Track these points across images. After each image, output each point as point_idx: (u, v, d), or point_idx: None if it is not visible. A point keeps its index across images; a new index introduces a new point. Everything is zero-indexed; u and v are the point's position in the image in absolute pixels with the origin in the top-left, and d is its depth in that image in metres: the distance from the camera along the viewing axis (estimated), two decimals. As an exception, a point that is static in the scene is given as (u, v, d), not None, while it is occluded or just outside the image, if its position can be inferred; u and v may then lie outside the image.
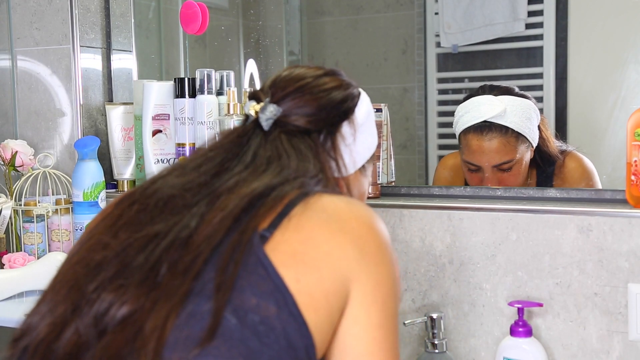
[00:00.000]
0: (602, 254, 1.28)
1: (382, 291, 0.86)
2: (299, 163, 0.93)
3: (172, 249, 0.82)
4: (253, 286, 0.79)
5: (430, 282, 1.41)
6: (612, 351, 1.28)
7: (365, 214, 0.89)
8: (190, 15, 1.71)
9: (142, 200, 0.89)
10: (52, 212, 1.71)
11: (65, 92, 1.82)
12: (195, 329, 0.76)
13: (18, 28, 1.87)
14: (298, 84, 1.01)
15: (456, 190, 1.51)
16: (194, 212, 0.85)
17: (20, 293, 1.53)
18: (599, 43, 2.27)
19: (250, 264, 0.80)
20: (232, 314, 0.77)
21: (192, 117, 1.65)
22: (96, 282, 0.81)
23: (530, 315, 1.33)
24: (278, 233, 0.83)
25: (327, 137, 1.00)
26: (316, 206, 0.87)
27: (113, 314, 0.78)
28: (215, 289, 0.78)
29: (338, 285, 0.82)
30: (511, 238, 1.34)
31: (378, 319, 0.85)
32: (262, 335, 0.77)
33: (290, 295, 0.79)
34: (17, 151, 1.74)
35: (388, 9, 2.61)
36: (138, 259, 0.81)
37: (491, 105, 1.72)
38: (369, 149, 1.08)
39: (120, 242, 0.84)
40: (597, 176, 1.74)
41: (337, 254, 0.84)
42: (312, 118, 0.98)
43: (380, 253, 0.87)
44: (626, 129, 1.27)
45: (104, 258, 0.83)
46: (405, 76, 2.59)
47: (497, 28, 2.42)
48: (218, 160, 0.93)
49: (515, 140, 1.70)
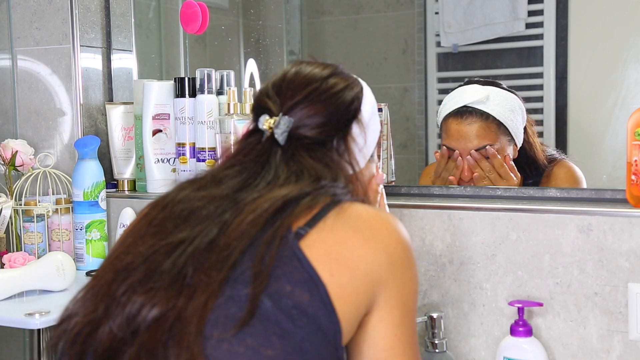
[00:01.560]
0: (602, 253, 1.28)
1: (405, 292, 0.94)
2: (323, 173, 0.98)
3: (196, 253, 0.87)
4: (288, 275, 0.86)
5: (430, 281, 1.41)
6: (612, 351, 1.28)
7: (392, 223, 0.96)
8: (190, 14, 1.71)
9: (169, 208, 0.95)
10: (52, 211, 1.71)
11: (66, 92, 1.83)
12: (234, 311, 0.83)
13: (18, 27, 1.87)
14: (306, 90, 1.02)
15: (456, 189, 1.51)
16: (217, 221, 0.90)
17: (20, 293, 1.53)
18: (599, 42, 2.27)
19: (285, 257, 0.87)
20: (268, 298, 0.84)
21: (192, 116, 1.65)
22: (125, 285, 0.87)
23: (531, 315, 1.33)
24: (314, 232, 0.90)
25: (340, 142, 1.03)
26: (349, 213, 0.93)
27: (144, 315, 0.84)
28: (253, 277, 0.85)
29: (368, 286, 0.90)
30: (511, 237, 1.34)
31: (399, 317, 0.93)
32: (295, 318, 0.84)
33: (323, 285, 0.86)
34: (17, 151, 1.74)
35: (388, 8, 2.61)
36: (165, 264, 0.87)
37: (474, 92, 1.69)
38: (375, 138, 1.11)
39: (147, 247, 0.90)
40: (585, 184, 1.70)
41: (370, 259, 0.91)
42: (324, 128, 1.01)
43: (406, 259, 0.95)
44: (626, 128, 1.27)
45: (131, 263, 0.89)
46: (406, 76, 2.59)
47: (497, 27, 2.42)
48: (240, 178, 0.97)
49: (497, 128, 1.66)
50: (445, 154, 1.69)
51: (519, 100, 1.72)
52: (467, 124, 1.67)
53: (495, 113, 1.66)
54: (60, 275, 1.52)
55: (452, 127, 1.69)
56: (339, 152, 1.03)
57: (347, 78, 1.07)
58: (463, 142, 1.66)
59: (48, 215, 1.71)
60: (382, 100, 1.54)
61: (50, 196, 1.74)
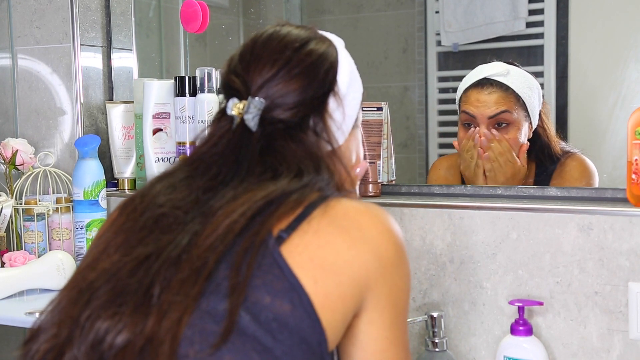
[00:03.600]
0: (603, 252, 1.28)
1: (396, 293, 0.89)
2: (304, 166, 0.90)
3: (162, 270, 0.81)
4: (268, 285, 0.80)
5: (430, 280, 1.41)
6: (612, 350, 1.28)
7: (382, 220, 0.90)
8: (190, 13, 1.71)
9: (135, 215, 0.88)
10: (52, 210, 1.71)
11: (66, 91, 1.82)
12: (210, 326, 0.78)
13: (18, 27, 1.87)
14: (278, 64, 0.92)
15: (456, 189, 1.51)
16: (187, 230, 0.84)
17: (20, 292, 1.53)
18: (599, 41, 2.27)
19: (265, 264, 0.81)
20: (245, 312, 0.78)
21: (193, 115, 1.65)
22: (89, 309, 0.81)
23: (531, 314, 1.33)
24: (296, 235, 0.84)
25: (317, 120, 0.95)
26: (336, 212, 0.87)
27: (110, 342, 0.78)
28: (231, 289, 0.79)
29: (356, 291, 0.84)
30: (512, 237, 1.34)
31: (390, 319, 0.88)
32: (275, 331, 0.79)
33: (306, 294, 0.81)
34: (17, 150, 1.74)
35: (388, 7, 2.61)
36: (130, 284, 0.81)
37: (495, 66, 1.74)
38: (356, 107, 1.02)
39: (111, 264, 0.83)
40: (597, 179, 1.73)
41: (358, 263, 0.85)
42: (299, 108, 0.92)
43: (397, 258, 0.89)
44: (627, 127, 1.27)
45: (95, 282, 0.83)
46: (406, 75, 2.59)
47: (497, 27, 2.42)
48: (208, 176, 0.89)
49: (515, 100, 1.69)
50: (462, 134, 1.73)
51: (537, 82, 1.76)
52: (486, 93, 1.71)
53: (515, 86, 1.70)
54: (60, 274, 1.52)
55: (472, 95, 1.73)
56: (317, 132, 0.94)
57: (321, 42, 0.97)
58: (482, 109, 1.70)
59: (48, 214, 1.71)
60: (382, 99, 1.54)
61: (51, 195, 1.74)
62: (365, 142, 1.42)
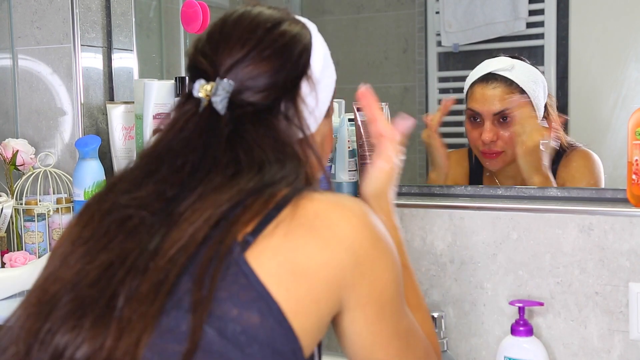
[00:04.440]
0: (603, 253, 1.28)
1: (379, 287, 0.84)
2: (273, 155, 0.85)
3: (128, 278, 0.76)
4: (234, 296, 0.75)
5: (431, 281, 1.41)
6: (613, 350, 1.28)
7: (355, 213, 0.84)
8: (191, 14, 1.71)
9: (98, 218, 0.82)
10: (53, 211, 1.71)
11: (66, 91, 1.82)
12: (172, 346, 0.73)
13: (19, 27, 1.87)
14: (249, 44, 0.88)
15: (457, 189, 1.51)
16: (152, 233, 0.79)
17: (21, 292, 1.53)
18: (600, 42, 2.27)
19: (230, 274, 0.76)
20: (210, 326, 0.74)
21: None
22: (49, 322, 0.76)
23: (531, 315, 1.33)
24: (263, 239, 0.79)
25: (289, 105, 0.90)
26: (306, 211, 0.81)
27: (70, 355, 0.74)
28: (193, 305, 0.74)
29: (331, 293, 0.80)
30: (512, 237, 1.34)
31: (375, 314, 0.85)
32: (244, 345, 0.74)
33: (275, 303, 0.76)
34: (18, 150, 1.74)
35: (389, 7, 2.61)
36: (92, 294, 0.76)
37: (500, 61, 1.77)
38: (329, 93, 0.98)
39: (73, 273, 0.79)
40: (602, 174, 1.73)
41: (333, 264, 0.80)
42: (270, 91, 0.88)
43: (375, 250, 0.84)
44: (627, 128, 1.27)
45: (56, 294, 0.78)
46: (406, 75, 2.58)
47: (498, 27, 2.42)
48: (175, 167, 0.84)
49: (519, 95, 1.72)
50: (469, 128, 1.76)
51: (542, 76, 1.78)
52: (491, 88, 1.73)
53: (519, 81, 1.73)
54: (61, 275, 1.52)
55: (477, 91, 1.75)
56: (288, 117, 0.89)
57: (297, 23, 0.93)
58: (487, 105, 1.72)
59: (49, 214, 1.71)
60: (382, 99, 1.53)
61: (51, 195, 1.74)
62: (365, 142, 1.42)
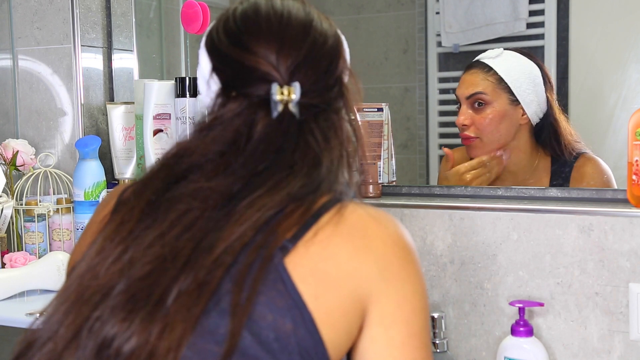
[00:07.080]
0: (603, 253, 1.27)
1: (406, 309, 0.82)
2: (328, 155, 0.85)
3: (182, 275, 0.76)
4: (270, 302, 0.76)
5: (431, 281, 1.41)
6: (613, 351, 1.28)
7: (391, 229, 0.85)
8: (191, 14, 1.71)
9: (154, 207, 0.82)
10: (53, 211, 1.71)
11: (67, 92, 1.82)
12: (211, 347, 0.75)
13: (19, 27, 1.87)
14: (306, 45, 0.86)
15: (457, 189, 1.51)
16: (208, 229, 0.79)
17: (21, 292, 1.53)
18: (600, 43, 2.27)
19: (270, 280, 0.77)
20: (247, 331, 0.75)
21: (193, 116, 1.65)
22: (99, 309, 0.77)
23: (532, 315, 1.33)
24: (301, 245, 0.79)
25: (339, 100, 0.89)
26: (345, 219, 0.82)
27: (118, 347, 0.74)
28: (233, 308, 0.75)
29: (357, 304, 0.80)
30: (512, 238, 1.34)
31: (400, 338, 0.82)
32: (276, 352, 0.75)
33: (308, 313, 0.77)
34: (18, 150, 1.74)
35: (389, 8, 2.61)
36: (144, 288, 0.77)
37: (491, 50, 1.78)
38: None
39: (126, 262, 0.79)
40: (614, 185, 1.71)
41: (359, 274, 0.80)
42: (328, 91, 0.88)
43: (404, 271, 0.83)
44: (627, 128, 1.27)
45: (109, 280, 0.78)
46: (406, 75, 2.58)
47: (498, 27, 2.42)
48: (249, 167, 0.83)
49: (496, 82, 1.71)
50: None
51: (536, 67, 1.76)
52: (470, 74, 1.76)
53: (498, 68, 1.73)
54: (61, 275, 1.52)
55: (461, 76, 1.78)
56: (344, 114, 0.89)
57: (326, 18, 0.91)
58: (462, 88, 1.76)
59: (49, 215, 1.71)
60: (382, 100, 1.54)
61: (51, 196, 1.74)
62: (366, 143, 1.42)
